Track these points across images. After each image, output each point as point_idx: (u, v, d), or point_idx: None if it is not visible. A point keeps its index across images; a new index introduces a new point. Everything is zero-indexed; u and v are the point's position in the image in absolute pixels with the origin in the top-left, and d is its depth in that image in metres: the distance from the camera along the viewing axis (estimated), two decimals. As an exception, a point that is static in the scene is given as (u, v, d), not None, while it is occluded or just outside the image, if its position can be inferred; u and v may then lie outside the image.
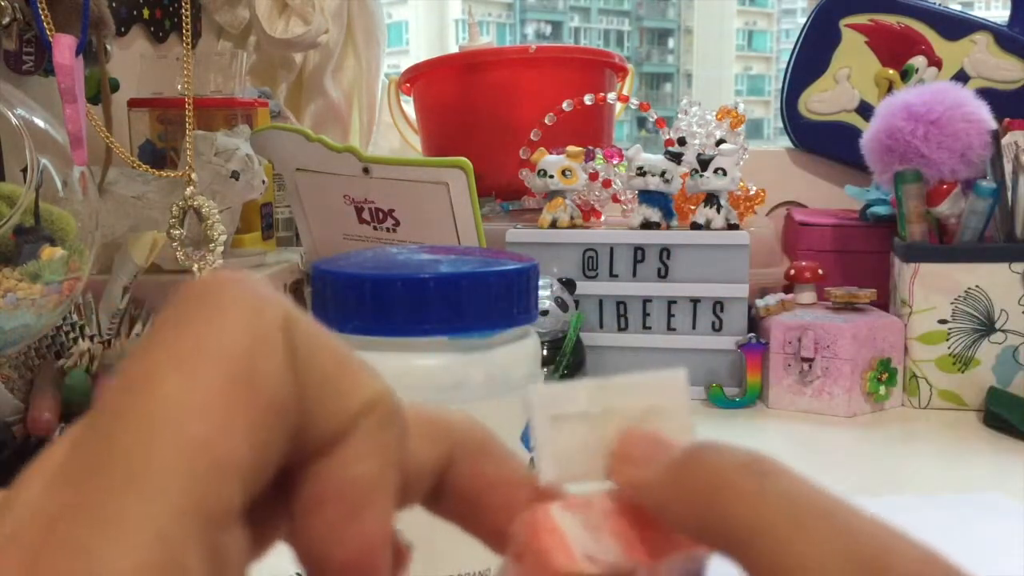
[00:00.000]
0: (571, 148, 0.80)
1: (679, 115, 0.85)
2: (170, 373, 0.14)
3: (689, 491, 0.17)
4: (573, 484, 0.18)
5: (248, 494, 0.15)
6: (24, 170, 0.59)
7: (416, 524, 0.18)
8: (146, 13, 0.98)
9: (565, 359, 0.73)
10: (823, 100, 1.06)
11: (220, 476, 0.14)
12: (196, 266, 0.71)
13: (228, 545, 0.14)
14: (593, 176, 0.84)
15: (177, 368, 0.14)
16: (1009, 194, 0.76)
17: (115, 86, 0.75)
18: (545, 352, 0.73)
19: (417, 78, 1.07)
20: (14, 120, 0.59)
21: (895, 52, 1.03)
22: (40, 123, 0.62)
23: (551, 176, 0.79)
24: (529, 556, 0.17)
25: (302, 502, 0.16)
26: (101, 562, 0.13)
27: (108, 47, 0.71)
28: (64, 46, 0.61)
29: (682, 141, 0.82)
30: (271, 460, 0.15)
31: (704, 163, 0.76)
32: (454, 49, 1.26)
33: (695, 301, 0.78)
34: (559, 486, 0.18)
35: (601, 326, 0.80)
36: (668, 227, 0.80)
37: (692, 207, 0.82)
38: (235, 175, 0.76)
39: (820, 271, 0.82)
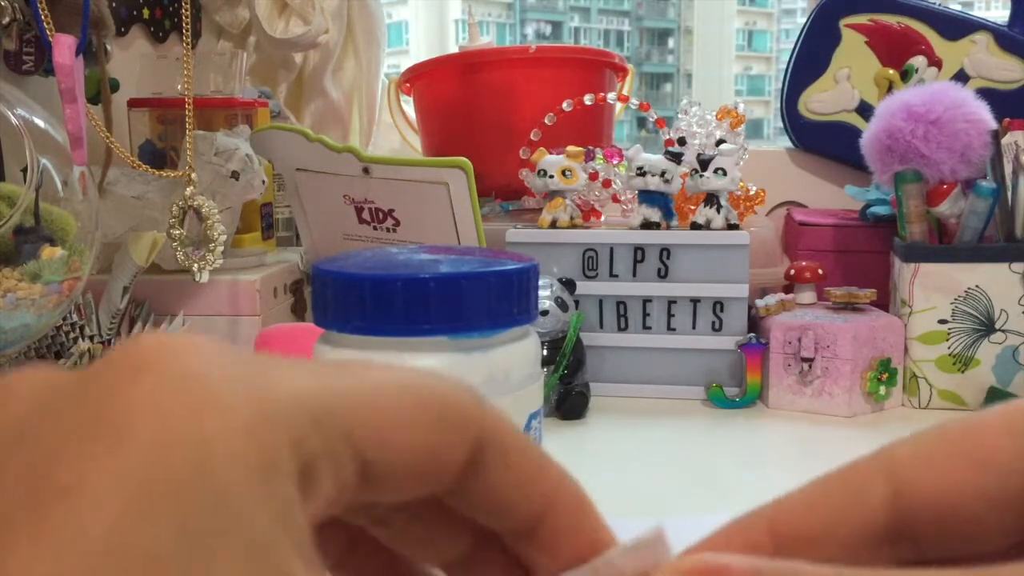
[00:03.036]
0: (571, 148, 0.80)
1: (679, 115, 0.86)
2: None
3: None
4: None
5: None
6: (24, 170, 0.59)
7: None
8: (146, 13, 0.98)
9: (565, 359, 0.73)
10: (823, 100, 1.06)
11: None
12: (196, 266, 0.71)
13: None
14: (593, 176, 0.84)
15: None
16: (1009, 194, 0.76)
17: (115, 86, 0.75)
18: (545, 352, 0.73)
19: (417, 78, 1.07)
20: (14, 120, 0.59)
21: (895, 52, 1.03)
22: (40, 123, 0.62)
23: (551, 176, 0.79)
24: None
25: None
26: None
27: (108, 47, 0.71)
28: (64, 46, 0.61)
29: (682, 141, 0.82)
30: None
31: (704, 163, 0.76)
32: (454, 49, 1.26)
33: (695, 301, 0.78)
34: None
35: (601, 326, 0.80)
36: (668, 227, 0.80)
37: (692, 207, 0.82)
38: (235, 175, 0.76)
39: (820, 271, 0.82)
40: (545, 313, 0.72)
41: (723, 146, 0.78)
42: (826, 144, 1.07)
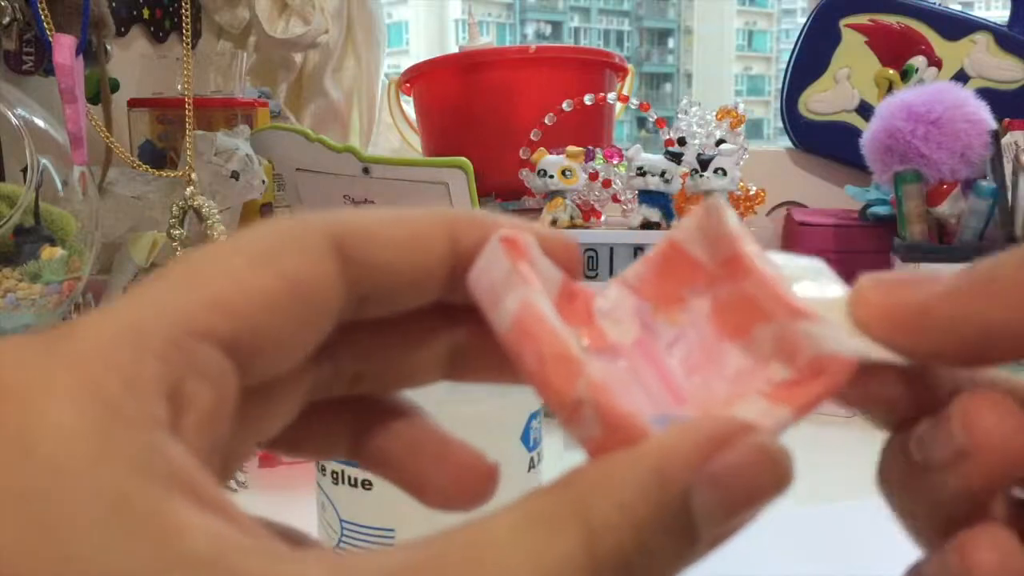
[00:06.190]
0: (571, 148, 0.80)
1: (679, 115, 0.85)
2: None
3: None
4: None
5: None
6: (24, 170, 0.59)
7: None
8: (146, 13, 0.98)
9: (565, 359, 0.73)
10: (823, 100, 1.06)
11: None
12: (196, 266, 0.71)
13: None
14: (593, 176, 0.84)
15: None
16: (1009, 194, 0.76)
17: (115, 86, 0.75)
18: (545, 352, 0.72)
19: (417, 78, 1.07)
20: (14, 120, 0.59)
21: (895, 52, 1.03)
22: (40, 123, 0.62)
23: (551, 176, 0.79)
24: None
25: None
26: None
27: (108, 47, 0.71)
28: (64, 46, 0.61)
29: (682, 141, 0.82)
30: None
31: (704, 163, 0.76)
32: (454, 49, 1.26)
33: (695, 301, 0.78)
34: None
35: (601, 326, 0.79)
36: (668, 227, 0.80)
37: (692, 207, 0.82)
38: (235, 175, 0.76)
39: (820, 271, 0.82)
40: (545, 313, 0.72)
41: (723, 146, 0.78)
42: (826, 144, 1.07)
